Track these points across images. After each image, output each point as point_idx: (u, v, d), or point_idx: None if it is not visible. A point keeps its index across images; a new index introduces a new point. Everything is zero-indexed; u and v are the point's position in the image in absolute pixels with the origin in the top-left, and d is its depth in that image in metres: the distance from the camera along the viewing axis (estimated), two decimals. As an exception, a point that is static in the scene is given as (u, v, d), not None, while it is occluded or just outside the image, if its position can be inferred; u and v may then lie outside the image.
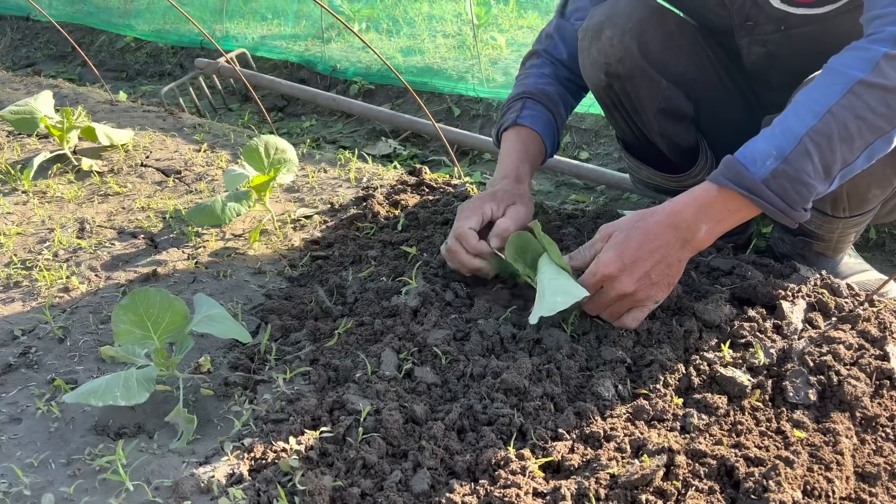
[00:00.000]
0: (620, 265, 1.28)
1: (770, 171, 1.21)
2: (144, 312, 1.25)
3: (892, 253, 2.01)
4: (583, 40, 1.64)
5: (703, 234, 1.28)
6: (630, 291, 1.30)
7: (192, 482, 1.11)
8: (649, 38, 1.58)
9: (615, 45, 1.58)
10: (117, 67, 4.35)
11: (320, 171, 2.27)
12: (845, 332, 1.35)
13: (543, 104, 1.70)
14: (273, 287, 1.67)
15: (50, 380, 1.37)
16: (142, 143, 2.53)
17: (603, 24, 1.59)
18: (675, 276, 1.33)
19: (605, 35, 1.59)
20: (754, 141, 1.26)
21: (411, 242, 1.75)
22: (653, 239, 1.28)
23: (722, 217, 1.27)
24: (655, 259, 1.28)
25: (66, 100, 3.05)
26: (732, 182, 1.24)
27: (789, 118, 1.23)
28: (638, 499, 1.03)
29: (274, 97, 3.55)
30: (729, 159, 1.26)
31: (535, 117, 1.68)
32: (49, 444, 1.23)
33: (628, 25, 1.57)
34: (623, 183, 2.25)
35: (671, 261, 1.29)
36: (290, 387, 1.32)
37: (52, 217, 2.03)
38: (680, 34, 1.63)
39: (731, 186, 1.24)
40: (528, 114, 1.67)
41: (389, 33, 3.65)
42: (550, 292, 1.30)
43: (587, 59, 1.65)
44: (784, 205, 1.22)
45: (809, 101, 1.22)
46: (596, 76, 1.66)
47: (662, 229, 1.28)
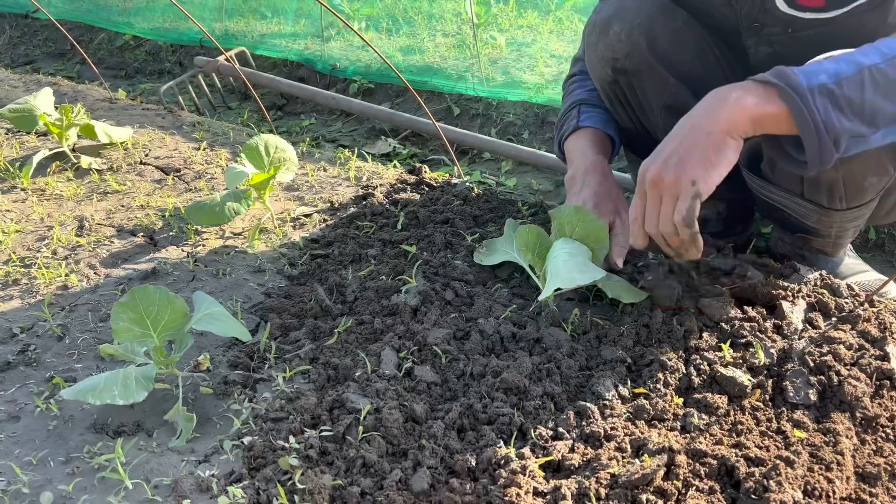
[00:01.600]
0: (651, 160, 1.27)
1: (818, 84, 1.15)
2: (144, 310, 1.25)
3: (892, 253, 2.01)
4: (590, 35, 1.64)
5: (731, 103, 1.20)
6: (660, 177, 1.24)
7: (191, 481, 1.11)
8: (658, 34, 1.57)
9: (623, 41, 1.58)
10: (116, 65, 4.34)
11: (320, 170, 2.27)
12: (845, 332, 1.35)
13: (597, 106, 1.73)
14: (273, 285, 1.67)
15: (49, 378, 1.37)
16: (141, 141, 2.53)
17: (611, 18, 1.59)
18: (709, 152, 1.21)
19: (613, 30, 1.58)
20: (810, 62, 1.21)
21: (411, 241, 1.75)
22: (681, 124, 1.26)
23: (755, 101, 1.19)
24: (682, 135, 1.24)
25: (65, 97, 3.05)
26: (776, 78, 1.17)
27: (854, 53, 1.18)
28: (638, 498, 1.03)
29: (273, 96, 3.55)
30: (779, 66, 1.20)
31: (594, 117, 1.71)
32: (48, 442, 1.23)
33: (637, 21, 1.56)
34: (625, 182, 2.24)
35: (698, 135, 1.22)
36: (290, 385, 1.31)
37: (51, 215, 2.03)
38: (687, 31, 1.62)
39: (773, 80, 1.17)
40: (585, 117, 1.71)
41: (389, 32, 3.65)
42: (566, 270, 1.33)
43: (594, 55, 1.65)
44: (819, 124, 1.15)
45: (880, 45, 1.18)
46: (602, 71, 1.65)
47: (692, 111, 1.26)
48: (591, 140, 1.68)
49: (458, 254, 1.67)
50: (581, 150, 1.67)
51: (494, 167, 2.72)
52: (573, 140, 1.70)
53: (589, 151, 1.66)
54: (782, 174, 1.54)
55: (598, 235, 1.48)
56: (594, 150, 1.66)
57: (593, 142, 1.68)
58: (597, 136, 1.69)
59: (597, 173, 1.62)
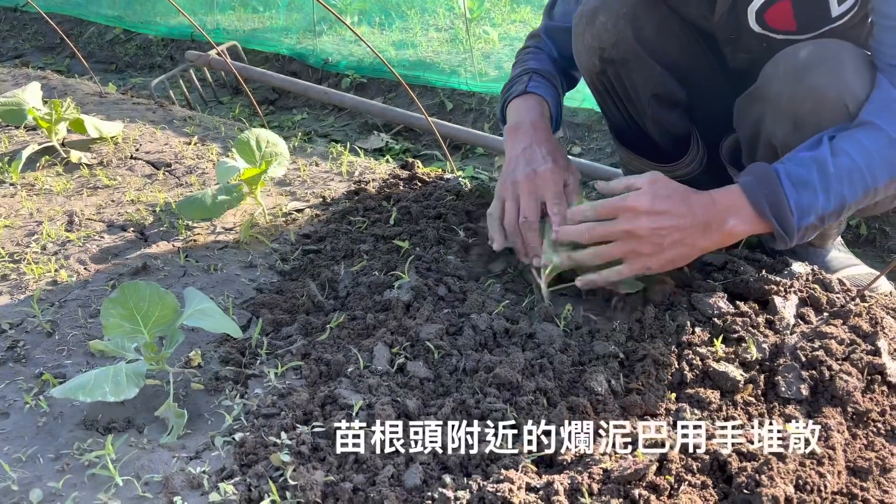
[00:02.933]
0: (649, 207, 1.28)
1: (808, 224, 1.29)
2: (134, 306, 1.24)
3: (883, 248, 2.02)
4: (577, 26, 1.64)
5: (726, 229, 1.30)
6: (640, 234, 1.29)
7: (182, 477, 1.10)
8: (644, 23, 1.58)
9: (609, 30, 1.58)
10: (106, 59, 4.31)
11: (312, 165, 2.26)
12: (837, 327, 1.35)
13: (548, 80, 1.70)
14: (264, 281, 1.66)
15: (38, 374, 1.36)
16: (131, 135, 2.51)
17: (597, 8, 1.59)
18: (680, 258, 1.32)
19: (600, 20, 1.59)
20: (805, 184, 1.27)
21: (404, 236, 1.74)
22: (688, 206, 1.30)
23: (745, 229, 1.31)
24: (679, 225, 1.29)
25: (54, 91, 3.02)
26: (778, 223, 1.28)
27: (844, 182, 1.26)
28: (631, 493, 1.03)
29: (265, 90, 3.53)
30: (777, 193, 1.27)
31: (543, 87, 1.68)
32: (37, 438, 1.22)
33: (623, 10, 1.56)
34: (616, 177, 2.25)
35: (687, 241, 1.29)
36: (282, 381, 1.31)
37: (41, 210, 2.01)
38: (673, 21, 1.62)
39: (773, 223, 1.28)
40: (535, 85, 1.67)
41: (381, 26, 3.63)
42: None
43: (581, 45, 1.65)
44: (798, 241, 1.31)
45: (867, 171, 1.26)
46: (590, 61, 1.65)
47: (701, 204, 1.30)
48: (538, 103, 1.65)
49: (451, 249, 1.67)
50: (527, 108, 1.63)
51: (487, 162, 2.72)
52: (519, 101, 1.65)
53: (534, 111, 1.62)
54: None
55: None
56: (539, 112, 1.62)
57: (541, 107, 1.64)
58: (543, 107, 1.65)
59: (545, 129, 1.59)
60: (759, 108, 1.45)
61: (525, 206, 1.46)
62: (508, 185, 1.50)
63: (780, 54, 1.41)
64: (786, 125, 1.39)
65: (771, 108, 1.41)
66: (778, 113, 1.40)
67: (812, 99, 1.33)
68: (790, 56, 1.38)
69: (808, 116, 1.34)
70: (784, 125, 1.39)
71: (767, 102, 1.42)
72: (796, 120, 1.36)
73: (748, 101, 1.50)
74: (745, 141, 1.57)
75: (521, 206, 1.47)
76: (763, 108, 1.43)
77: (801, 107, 1.35)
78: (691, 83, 1.69)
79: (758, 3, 1.41)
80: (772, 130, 1.43)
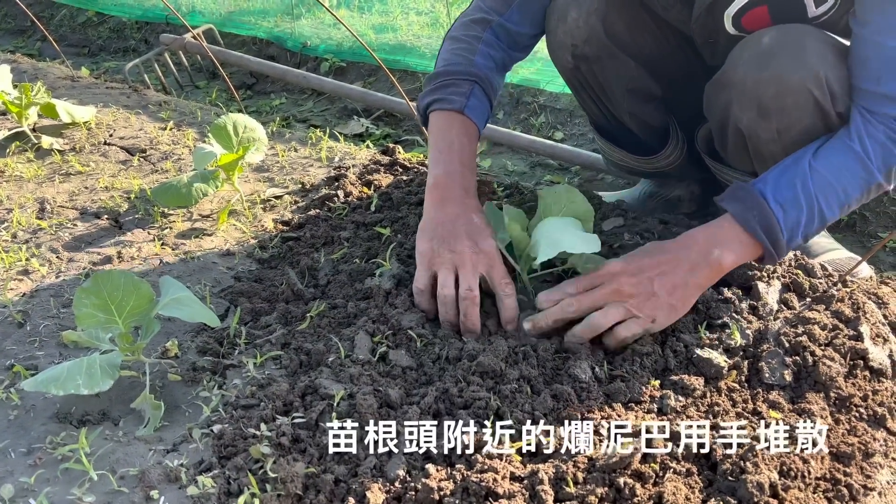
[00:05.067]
0: (624, 266, 1.28)
1: (796, 244, 1.31)
2: (108, 295, 1.21)
3: (863, 233, 2.03)
4: (549, 22, 1.62)
5: (715, 257, 1.27)
6: (627, 291, 1.25)
7: (159, 470, 1.08)
8: (615, 19, 1.57)
9: (581, 27, 1.57)
10: (79, 42, 4.21)
11: (291, 151, 2.22)
12: (819, 312, 1.35)
13: (488, 97, 1.55)
14: (242, 269, 1.63)
15: (9, 366, 1.32)
16: (105, 120, 2.45)
17: (569, 4, 1.57)
18: (682, 301, 1.27)
19: (571, 16, 1.57)
20: (791, 203, 1.27)
21: (385, 223, 1.72)
22: (663, 251, 1.29)
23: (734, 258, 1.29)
24: (661, 269, 1.26)
25: (24, 75, 2.94)
26: (770, 242, 1.28)
27: (821, 200, 1.28)
28: (616, 482, 1.02)
29: (242, 74, 3.47)
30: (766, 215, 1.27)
31: (481, 112, 1.52)
32: (8, 432, 1.18)
33: (593, 6, 1.55)
34: (597, 163, 2.23)
35: (677, 280, 1.26)
36: (261, 371, 1.28)
37: (11, 197, 1.96)
38: (646, 14, 1.61)
39: (765, 243, 1.28)
40: (475, 104, 1.51)
41: (361, 10, 3.58)
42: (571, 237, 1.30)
43: (554, 41, 1.63)
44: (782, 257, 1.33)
45: (840, 189, 1.28)
46: (563, 58, 1.64)
47: (673, 247, 1.30)
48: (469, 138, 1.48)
49: (433, 236, 1.64)
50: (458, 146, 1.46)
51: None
52: (451, 122, 1.48)
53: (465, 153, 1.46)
54: (733, 154, 1.55)
55: (587, 218, 1.44)
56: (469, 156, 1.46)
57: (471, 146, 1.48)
58: (473, 143, 1.50)
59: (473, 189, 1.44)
60: (725, 94, 1.44)
61: (468, 280, 1.31)
62: (445, 257, 1.32)
63: (745, 40, 1.40)
64: (751, 111, 1.39)
65: (737, 93, 1.41)
66: (743, 99, 1.40)
67: (775, 84, 1.33)
68: (754, 42, 1.38)
69: (772, 102, 1.34)
70: (749, 111, 1.39)
71: (733, 88, 1.41)
72: (760, 105, 1.36)
73: (716, 87, 1.49)
74: (715, 127, 1.56)
75: (460, 280, 1.31)
76: (729, 94, 1.43)
77: (764, 92, 1.35)
78: (667, 76, 1.68)
79: (734, 8, 1.41)
80: (738, 116, 1.43)
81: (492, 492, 1.01)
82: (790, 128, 1.35)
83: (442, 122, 1.50)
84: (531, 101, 2.80)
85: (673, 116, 1.77)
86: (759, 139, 1.41)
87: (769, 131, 1.38)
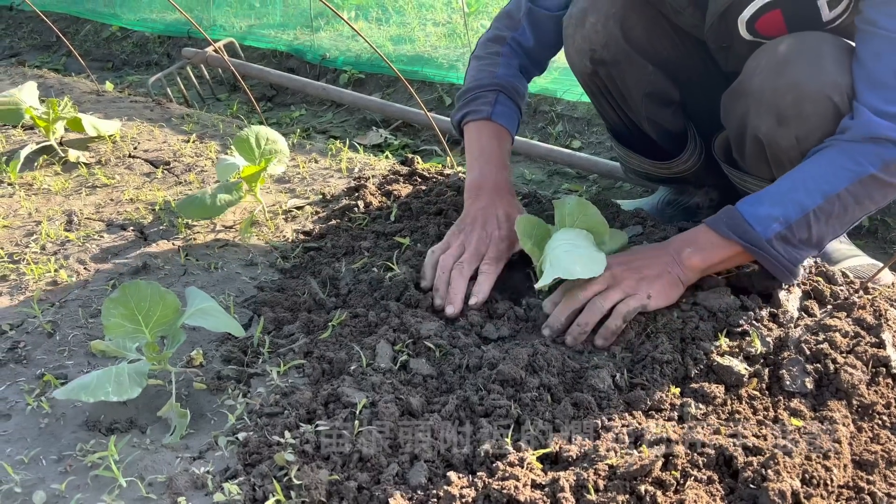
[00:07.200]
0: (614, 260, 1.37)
1: (774, 233, 1.29)
2: (135, 306, 1.23)
3: (885, 240, 2.01)
4: (567, 28, 1.63)
5: (686, 254, 1.35)
6: (621, 276, 1.34)
7: (186, 478, 1.10)
8: (633, 23, 1.58)
9: (599, 31, 1.58)
10: (103, 57, 4.29)
11: (311, 162, 2.25)
12: (841, 319, 1.35)
13: (514, 101, 1.67)
14: (265, 279, 1.65)
15: (39, 375, 1.35)
16: (129, 133, 2.50)
17: (587, 10, 1.59)
18: (668, 286, 1.35)
19: (589, 21, 1.58)
20: (759, 201, 1.31)
21: (404, 233, 1.74)
22: (645, 250, 1.42)
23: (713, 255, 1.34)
24: (645, 261, 1.37)
25: (51, 90, 3.01)
26: (738, 236, 1.30)
27: (799, 191, 1.29)
28: (637, 489, 1.03)
29: (263, 87, 3.51)
30: (732, 213, 1.32)
31: (509, 115, 1.65)
32: (39, 440, 1.21)
33: (612, 11, 1.56)
34: (615, 172, 2.24)
35: (660, 270, 1.35)
36: (285, 380, 1.30)
37: (39, 209, 2.00)
38: (664, 20, 1.62)
39: (735, 239, 1.31)
40: (501, 110, 1.64)
41: (379, 21, 3.62)
42: (569, 261, 1.34)
43: (572, 47, 1.65)
44: (783, 262, 1.31)
45: (821, 179, 1.28)
46: (581, 63, 1.65)
47: (654, 246, 1.41)
48: (500, 141, 1.63)
49: (452, 245, 1.66)
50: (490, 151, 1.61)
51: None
52: (482, 130, 1.63)
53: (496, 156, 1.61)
54: (751, 162, 1.55)
55: (599, 231, 1.46)
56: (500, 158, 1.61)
57: (501, 149, 1.63)
58: (504, 143, 1.64)
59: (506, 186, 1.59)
60: (743, 102, 1.45)
61: (467, 256, 1.46)
62: (460, 236, 1.51)
63: (761, 49, 1.41)
64: (769, 119, 1.39)
65: (754, 102, 1.41)
66: (761, 107, 1.40)
67: (793, 92, 1.34)
68: (771, 50, 1.38)
69: (790, 109, 1.35)
70: (767, 119, 1.40)
71: (750, 97, 1.42)
72: (779, 113, 1.37)
73: (732, 97, 1.50)
74: (733, 135, 1.57)
75: (463, 257, 1.46)
76: (747, 102, 1.43)
77: (782, 100, 1.35)
78: (685, 81, 1.69)
79: (748, 13, 1.42)
80: (756, 124, 1.43)
81: (513, 499, 1.01)
82: (809, 135, 1.35)
83: (473, 131, 1.65)
84: (549, 110, 2.81)
85: (690, 121, 1.77)
86: (779, 147, 1.41)
87: (788, 139, 1.38)
